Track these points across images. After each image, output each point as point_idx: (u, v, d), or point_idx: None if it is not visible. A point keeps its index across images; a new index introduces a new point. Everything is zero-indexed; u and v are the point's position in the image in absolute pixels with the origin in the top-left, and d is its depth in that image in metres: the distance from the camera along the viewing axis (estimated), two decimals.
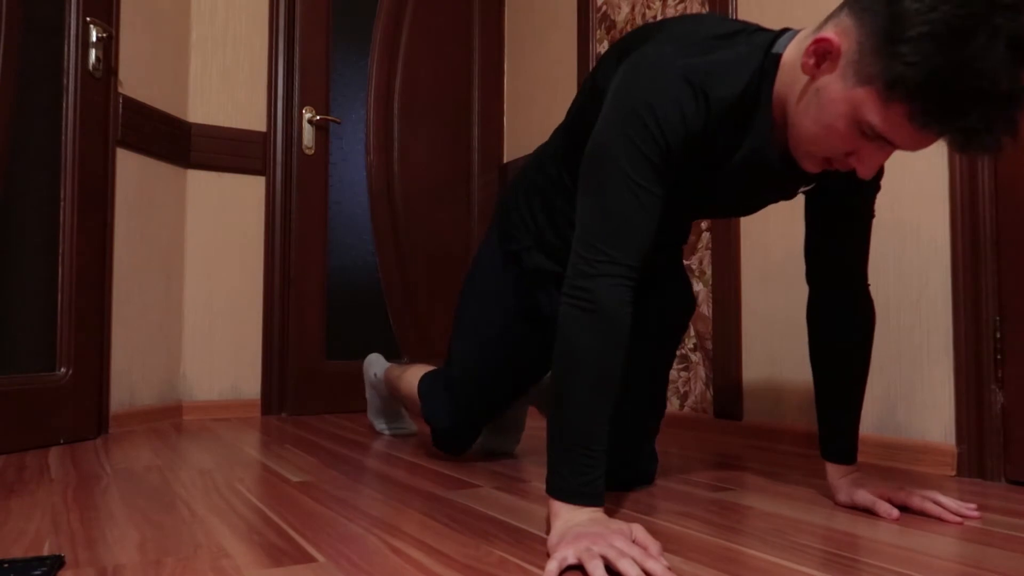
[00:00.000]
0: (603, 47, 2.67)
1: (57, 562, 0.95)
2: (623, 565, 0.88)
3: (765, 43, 1.07)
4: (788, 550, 1.03)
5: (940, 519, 1.19)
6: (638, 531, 0.98)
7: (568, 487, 1.01)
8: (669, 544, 1.05)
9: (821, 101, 0.96)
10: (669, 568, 0.91)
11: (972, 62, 0.83)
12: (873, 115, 0.91)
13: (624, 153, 1.02)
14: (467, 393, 1.62)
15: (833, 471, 1.32)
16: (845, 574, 0.92)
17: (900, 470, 1.65)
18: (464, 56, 3.20)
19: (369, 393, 2.27)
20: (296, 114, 2.81)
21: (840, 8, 0.96)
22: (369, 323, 2.94)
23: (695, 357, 2.26)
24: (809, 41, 0.97)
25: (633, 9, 2.54)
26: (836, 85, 0.94)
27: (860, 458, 1.76)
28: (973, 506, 1.24)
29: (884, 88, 0.88)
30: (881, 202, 1.76)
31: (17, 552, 1.01)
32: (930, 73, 0.84)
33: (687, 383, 2.28)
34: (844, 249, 1.27)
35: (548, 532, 1.00)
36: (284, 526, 1.15)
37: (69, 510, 1.26)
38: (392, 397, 2.10)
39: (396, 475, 1.58)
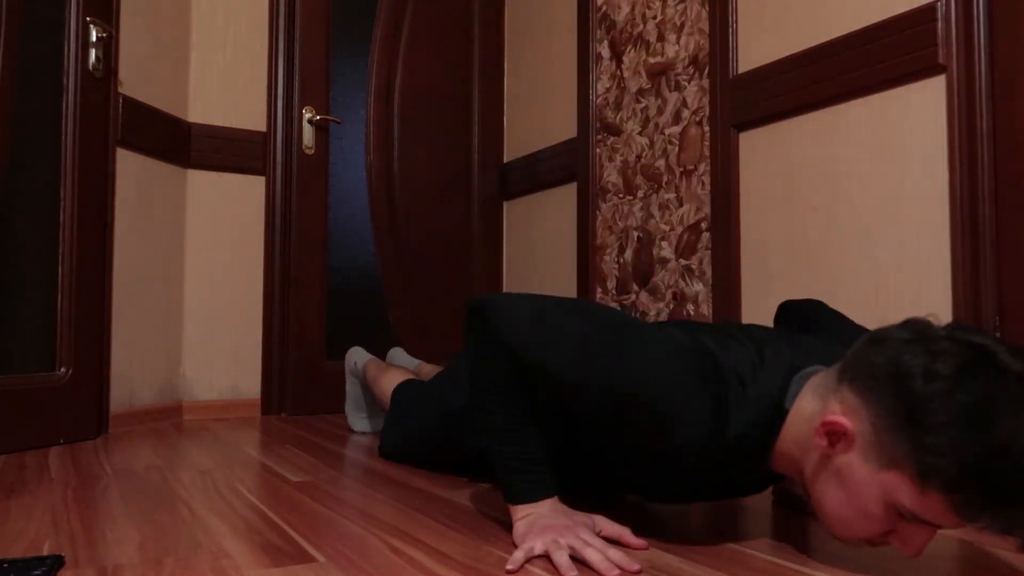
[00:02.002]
0: (603, 47, 2.67)
1: (57, 562, 0.95)
2: (588, 553, 0.94)
3: (775, 393, 0.96)
4: (788, 550, 1.03)
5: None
6: (602, 521, 1.04)
7: (521, 489, 1.05)
8: (669, 544, 1.05)
9: (847, 483, 0.86)
10: (643, 546, 1.01)
11: (1008, 447, 0.75)
12: (910, 502, 0.81)
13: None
14: (420, 443, 1.69)
15: None
16: (845, 574, 0.92)
17: None
18: (464, 56, 3.20)
19: (350, 386, 2.32)
20: (296, 114, 2.81)
21: (839, 381, 0.89)
22: (369, 323, 2.94)
23: None
24: (817, 420, 0.89)
25: (633, 9, 2.54)
26: (860, 468, 0.85)
27: None
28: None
29: (917, 476, 0.79)
30: (881, 202, 1.76)
31: (17, 552, 1.01)
32: (965, 465, 0.76)
33: None
34: None
35: (512, 533, 1.04)
36: (284, 526, 1.15)
37: (69, 510, 1.25)
38: (367, 389, 2.21)
39: (396, 475, 1.58)
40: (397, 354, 2.47)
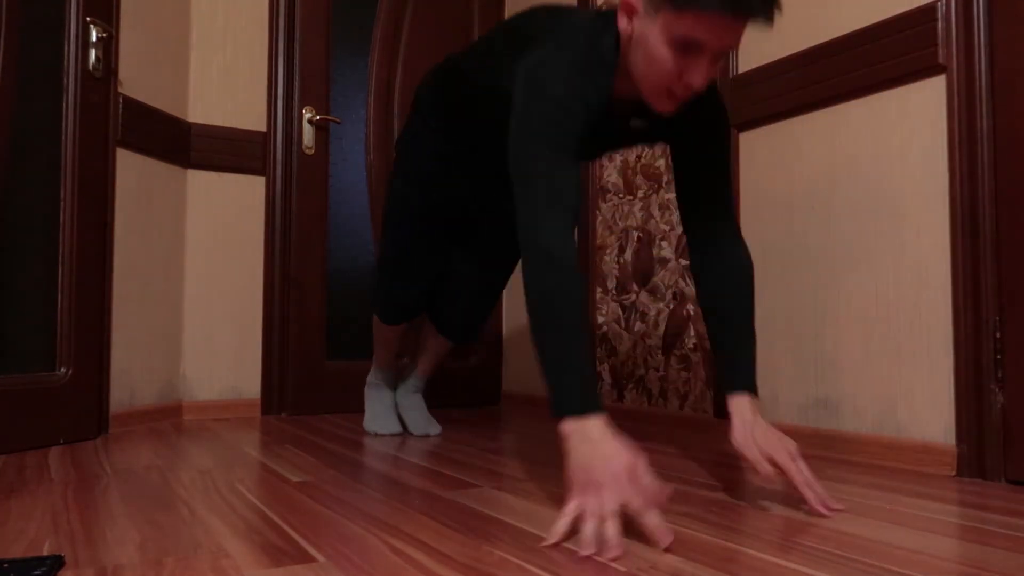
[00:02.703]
0: None
1: (57, 562, 0.95)
2: (608, 527, 1.01)
3: (611, 40, 1.30)
4: (788, 550, 1.03)
5: (803, 498, 1.26)
6: (644, 473, 1.07)
7: (569, 404, 1.14)
8: (669, 544, 1.05)
9: (643, 43, 1.20)
10: (667, 525, 1.03)
11: None
12: (678, 27, 1.13)
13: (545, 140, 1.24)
14: (394, 245, 2.03)
15: (735, 406, 1.36)
16: (844, 574, 0.92)
17: (900, 470, 1.65)
18: None
19: (371, 395, 2.30)
20: (296, 114, 2.81)
21: None
22: (369, 323, 2.93)
23: (695, 357, 2.26)
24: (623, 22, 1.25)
25: None
26: (645, 24, 1.19)
27: (860, 457, 1.76)
28: (840, 507, 1.27)
29: (672, 5, 1.12)
30: (881, 202, 1.76)
31: (17, 552, 1.01)
32: None
33: (687, 383, 2.28)
34: (706, 206, 1.47)
35: (565, 462, 1.12)
36: (284, 526, 1.15)
37: (69, 510, 1.26)
38: (379, 359, 2.31)
39: (396, 475, 1.58)
40: None
